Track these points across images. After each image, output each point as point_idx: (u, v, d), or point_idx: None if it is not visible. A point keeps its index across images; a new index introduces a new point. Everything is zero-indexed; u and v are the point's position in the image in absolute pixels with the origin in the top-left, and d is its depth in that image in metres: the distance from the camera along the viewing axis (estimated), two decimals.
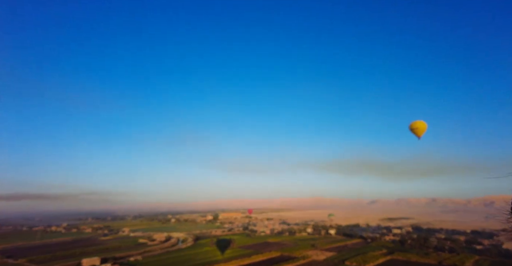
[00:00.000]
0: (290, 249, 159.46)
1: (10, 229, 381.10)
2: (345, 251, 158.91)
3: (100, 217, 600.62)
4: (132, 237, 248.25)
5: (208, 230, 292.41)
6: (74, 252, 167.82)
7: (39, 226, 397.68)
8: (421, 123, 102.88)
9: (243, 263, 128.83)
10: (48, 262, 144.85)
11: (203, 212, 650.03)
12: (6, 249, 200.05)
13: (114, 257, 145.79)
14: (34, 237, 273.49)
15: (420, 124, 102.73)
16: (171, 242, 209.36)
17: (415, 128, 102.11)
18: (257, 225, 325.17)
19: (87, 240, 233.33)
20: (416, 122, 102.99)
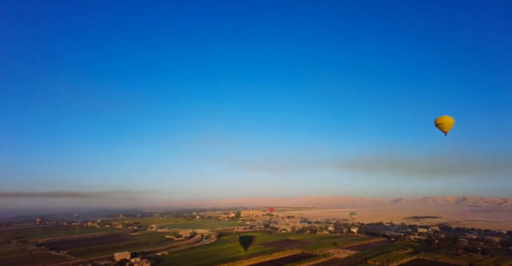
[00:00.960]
0: (311, 247, 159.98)
1: (52, 224, 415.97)
2: (367, 249, 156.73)
3: (130, 214, 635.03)
4: (159, 233, 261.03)
5: (231, 227, 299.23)
6: (107, 246, 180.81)
7: (77, 222, 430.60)
8: (447, 118, 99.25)
9: (264, 260, 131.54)
10: (85, 254, 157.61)
11: (226, 210, 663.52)
12: (50, 242, 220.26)
13: (142, 252, 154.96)
14: (73, 231, 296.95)
15: (446, 119, 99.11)
16: (196, 238, 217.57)
17: (440, 123, 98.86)
18: (278, 223, 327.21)
19: (119, 235, 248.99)
20: (441, 118, 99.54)
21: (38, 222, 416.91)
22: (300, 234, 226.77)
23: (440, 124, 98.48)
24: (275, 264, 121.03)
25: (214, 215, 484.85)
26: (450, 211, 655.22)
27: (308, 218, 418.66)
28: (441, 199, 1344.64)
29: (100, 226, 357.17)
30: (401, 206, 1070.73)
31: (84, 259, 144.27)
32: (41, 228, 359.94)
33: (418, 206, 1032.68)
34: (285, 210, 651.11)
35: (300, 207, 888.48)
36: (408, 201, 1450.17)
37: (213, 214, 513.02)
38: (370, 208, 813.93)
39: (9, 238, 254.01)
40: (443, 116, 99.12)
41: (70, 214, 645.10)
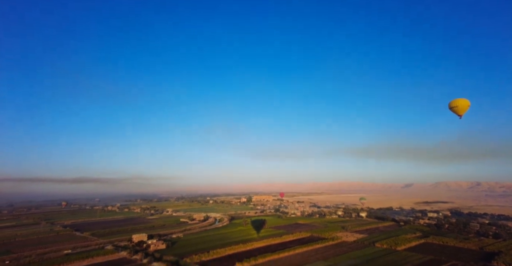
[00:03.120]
0: (320, 231, 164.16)
1: (77, 208, 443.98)
2: (376, 233, 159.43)
3: (147, 198, 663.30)
4: (174, 217, 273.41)
5: (242, 211, 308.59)
6: (126, 229, 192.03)
7: (98, 206, 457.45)
8: (462, 101, 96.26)
9: (274, 242, 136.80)
10: (106, 236, 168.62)
11: (238, 195, 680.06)
12: (74, 224, 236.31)
13: (159, 234, 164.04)
14: (94, 214, 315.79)
15: (462, 102, 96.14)
16: (209, 221, 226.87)
17: (454, 106, 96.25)
18: (288, 208, 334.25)
19: (137, 219, 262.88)
20: (456, 100, 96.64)
21: (64, 205, 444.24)
22: (309, 218, 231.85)
23: (455, 107, 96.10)
24: (284, 246, 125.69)
25: (226, 200, 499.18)
26: (463, 196, 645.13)
27: (317, 203, 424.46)
28: (454, 184, 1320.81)
29: (120, 210, 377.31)
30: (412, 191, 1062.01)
31: (105, 240, 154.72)
32: (66, 211, 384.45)
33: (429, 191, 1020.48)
34: (295, 196, 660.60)
35: (310, 192, 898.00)
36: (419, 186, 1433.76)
37: (225, 199, 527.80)
38: (380, 193, 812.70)
39: (39, 220, 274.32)
40: (458, 99, 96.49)
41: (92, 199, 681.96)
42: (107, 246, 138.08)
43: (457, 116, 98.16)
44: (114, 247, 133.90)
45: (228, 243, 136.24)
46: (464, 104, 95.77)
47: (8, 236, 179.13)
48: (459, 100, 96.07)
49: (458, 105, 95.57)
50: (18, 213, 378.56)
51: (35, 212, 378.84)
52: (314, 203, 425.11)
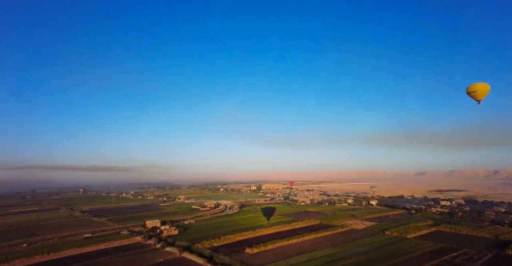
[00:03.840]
0: (329, 218, 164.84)
1: (93, 194, 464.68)
2: (386, 221, 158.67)
3: (160, 186, 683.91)
4: (186, 204, 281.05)
5: (252, 199, 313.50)
6: (140, 215, 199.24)
7: (113, 193, 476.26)
8: (482, 86, 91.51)
9: (283, 229, 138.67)
10: (122, 221, 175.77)
11: (248, 183, 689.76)
12: (92, 209, 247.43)
13: (171, 220, 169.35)
14: (110, 201, 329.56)
15: (481, 86, 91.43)
16: (220, 208, 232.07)
17: (473, 91, 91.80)
18: (298, 196, 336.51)
19: (150, 206, 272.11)
20: (475, 85, 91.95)
21: (81, 192, 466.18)
22: (318, 206, 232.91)
23: (473, 92, 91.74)
24: (293, 233, 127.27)
25: (236, 188, 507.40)
26: (479, 184, 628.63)
27: (327, 191, 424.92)
28: (469, 172, 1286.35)
29: (134, 197, 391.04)
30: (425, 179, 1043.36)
31: (121, 225, 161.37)
32: (84, 197, 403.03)
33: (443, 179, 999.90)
34: (304, 184, 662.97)
35: (320, 181, 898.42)
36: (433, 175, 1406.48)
37: (235, 187, 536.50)
38: (392, 182, 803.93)
39: (59, 205, 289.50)
40: (477, 83, 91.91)
41: (107, 186, 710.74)
42: (122, 231, 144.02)
43: (475, 102, 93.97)
44: (129, 232, 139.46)
45: (238, 229, 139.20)
46: (483, 89, 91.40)
47: (33, 220, 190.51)
48: (478, 85, 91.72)
49: (477, 90, 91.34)
50: (40, 198, 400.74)
51: (56, 198, 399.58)
52: (324, 191, 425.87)
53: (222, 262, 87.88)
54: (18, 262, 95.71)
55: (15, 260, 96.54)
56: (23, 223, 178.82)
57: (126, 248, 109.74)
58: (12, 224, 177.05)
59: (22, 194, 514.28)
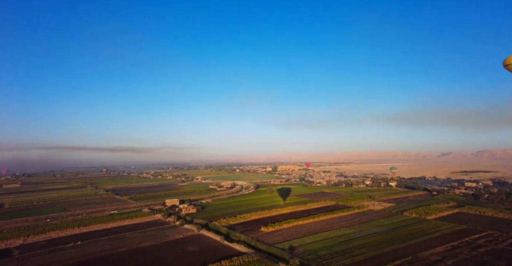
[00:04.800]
0: (346, 199, 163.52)
1: (115, 174, 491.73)
2: (405, 202, 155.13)
3: (179, 166, 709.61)
4: (203, 184, 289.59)
5: (268, 179, 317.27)
6: (160, 194, 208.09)
7: (134, 173, 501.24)
8: None
9: (298, 209, 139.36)
10: (142, 200, 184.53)
11: (264, 164, 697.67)
12: (115, 188, 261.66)
13: (189, 199, 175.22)
14: (131, 180, 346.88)
15: None
16: (236, 188, 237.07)
17: (510, 64, 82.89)
18: (314, 177, 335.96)
19: (169, 185, 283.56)
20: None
21: (104, 172, 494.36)
22: (335, 187, 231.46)
23: (510, 65, 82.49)
24: (308, 213, 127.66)
25: (252, 169, 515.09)
26: (510, 165, 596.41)
27: (344, 172, 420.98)
28: (500, 153, 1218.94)
29: (153, 176, 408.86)
30: (449, 160, 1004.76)
31: (142, 203, 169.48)
32: (107, 176, 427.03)
33: (469, 160, 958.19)
34: (321, 165, 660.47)
35: (337, 162, 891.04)
36: (459, 155, 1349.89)
37: (251, 168, 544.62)
38: (413, 163, 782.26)
39: (85, 184, 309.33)
40: None
41: (129, 166, 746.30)
42: (143, 209, 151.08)
43: None
44: (150, 210, 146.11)
45: (254, 208, 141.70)
46: None
47: (63, 196, 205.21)
48: None
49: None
50: (68, 177, 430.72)
51: (82, 177, 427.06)
52: (341, 172, 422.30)
53: (238, 240, 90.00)
54: (53, 233, 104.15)
55: (51, 232, 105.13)
56: (55, 199, 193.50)
57: (147, 224, 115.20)
58: (46, 199, 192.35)
59: (53, 173, 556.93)
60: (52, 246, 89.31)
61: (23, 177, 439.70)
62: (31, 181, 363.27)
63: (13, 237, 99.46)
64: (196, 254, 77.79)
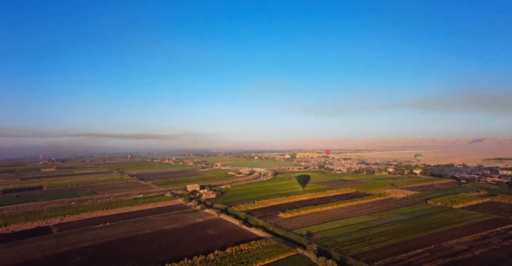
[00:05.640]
0: (366, 187, 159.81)
1: (139, 160, 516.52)
2: (429, 190, 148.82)
3: (199, 153, 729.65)
4: (223, 170, 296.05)
5: (286, 167, 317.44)
6: (181, 179, 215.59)
7: (157, 159, 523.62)
8: None
9: (317, 196, 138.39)
10: (165, 185, 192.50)
11: (282, 152, 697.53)
12: (139, 174, 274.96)
13: (209, 185, 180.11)
14: (154, 166, 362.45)
15: None
16: (254, 175, 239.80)
17: None
18: (334, 164, 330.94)
19: (190, 171, 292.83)
20: None
21: (129, 158, 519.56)
22: (355, 175, 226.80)
23: None
24: (327, 201, 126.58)
25: (270, 156, 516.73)
26: None
27: (366, 160, 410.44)
28: None
29: (175, 163, 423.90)
30: (482, 146, 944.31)
31: (164, 188, 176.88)
32: (132, 162, 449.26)
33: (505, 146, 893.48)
34: (342, 153, 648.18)
35: (359, 149, 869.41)
36: (493, 141, 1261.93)
37: (270, 155, 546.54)
38: (441, 150, 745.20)
39: (111, 169, 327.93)
40: None
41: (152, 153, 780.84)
42: (166, 193, 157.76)
43: None
44: (172, 194, 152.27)
45: (272, 195, 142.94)
46: None
47: (92, 180, 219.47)
48: None
49: None
50: (97, 162, 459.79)
51: (109, 163, 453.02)
52: (363, 160, 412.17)
53: (256, 224, 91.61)
54: (85, 214, 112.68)
55: (83, 213, 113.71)
56: (86, 183, 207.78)
57: (170, 208, 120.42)
58: (78, 183, 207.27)
59: (83, 158, 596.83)
60: (84, 225, 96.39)
61: (58, 162, 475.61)
62: (64, 166, 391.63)
63: (52, 216, 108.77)
64: (216, 237, 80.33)
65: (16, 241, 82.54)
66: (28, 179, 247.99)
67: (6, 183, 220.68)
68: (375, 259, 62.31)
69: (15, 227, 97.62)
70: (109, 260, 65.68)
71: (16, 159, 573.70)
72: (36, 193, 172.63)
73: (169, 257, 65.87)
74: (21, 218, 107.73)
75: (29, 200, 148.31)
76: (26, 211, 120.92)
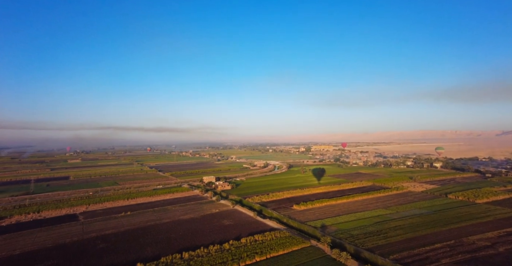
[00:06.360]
0: (383, 180, 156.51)
1: (158, 152, 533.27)
2: (450, 184, 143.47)
3: (214, 146, 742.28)
4: (238, 163, 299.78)
5: (301, 159, 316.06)
6: (198, 171, 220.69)
7: (175, 151, 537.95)
8: None
9: (332, 189, 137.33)
10: (182, 176, 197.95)
11: (297, 145, 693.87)
12: (157, 165, 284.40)
13: (225, 177, 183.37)
14: (172, 158, 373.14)
15: None
16: (269, 168, 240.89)
17: None
18: (350, 157, 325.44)
19: (206, 163, 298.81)
20: None
21: (149, 150, 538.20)
22: (372, 168, 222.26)
23: None
24: (342, 194, 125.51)
25: (285, 149, 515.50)
26: None
27: (384, 153, 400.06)
28: None
29: (192, 155, 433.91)
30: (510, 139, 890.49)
31: (182, 179, 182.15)
32: (151, 154, 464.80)
33: None
34: (359, 145, 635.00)
35: (376, 142, 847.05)
36: None
37: (284, 148, 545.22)
38: (464, 142, 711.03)
39: (132, 161, 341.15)
40: None
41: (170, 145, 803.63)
42: (183, 184, 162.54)
43: None
44: (189, 186, 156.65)
45: (286, 187, 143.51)
46: None
47: (114, 171, 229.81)
48: None
49: None
50: (118, 154, 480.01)
51: (129, 155, 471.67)
52: (380, 153, 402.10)
53: (270, 216, 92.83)
54: (108, 203, 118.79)
55: (106, 202, 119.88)
56: (108, 174, 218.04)
57: (187, 199, 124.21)
58: (101, 174, 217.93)
59: (105, 150, 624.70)
60: (107, 214, 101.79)
61: (82, 154, 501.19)
62: (89, 157, 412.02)
63: (78, 204, 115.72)
64: (231, 227, 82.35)
65: (48, 226, 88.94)
66: (57, 169, 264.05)
67: (38, 173, 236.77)
68: (391, 252, 61.63)
69: (46, 214, 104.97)
70: (130, 247, 69.32)
71: (46, 151, 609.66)
72: (63, 182, 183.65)
73: (186, 245, 68.53)
74: (52, 205, 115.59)
75: (58, 189, 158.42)
76: (55, 199, 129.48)
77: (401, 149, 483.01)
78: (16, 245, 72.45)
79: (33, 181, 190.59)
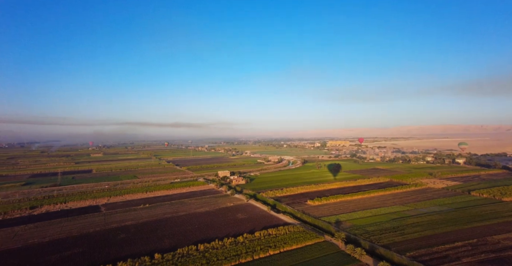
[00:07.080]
0: (401, 176, 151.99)
1: (175, 147, 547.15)
2: (474, 181, 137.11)
3: (229, 141, 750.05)
4: (252, 158, 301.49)
5: (316, 155, 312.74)
6: (213, 166, 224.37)
7: (191, 146, 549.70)
8: None
9: (347, 185, 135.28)
10: (198, 170, 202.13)
11: (312, 140, 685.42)
12: (175, 160, 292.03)
13: (239, 172, 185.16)
14: (188, 153, 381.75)
15: None
16: (283, 163, 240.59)
17: None
18: (367, 153, 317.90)
19: (221, 158, 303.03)
20: None
21: (166, 145, 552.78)
22: (390, 164, 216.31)
23: None
24: (358, 189, 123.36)
25: (300, 144, 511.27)
26: None
27: (402, 148, 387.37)
28: None
29: (207, 150, 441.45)
30: None
31: (198, 174, 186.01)
32: (168, 149, 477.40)
33: None
34: (376, 141, 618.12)
35: (394, 137, 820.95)
36: None
37: (299, 144, 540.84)
38: (491, 137, 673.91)
39: (150, 155, 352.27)
40: None
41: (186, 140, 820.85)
42: (199, 178, 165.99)
43: None
44: (205, 180, 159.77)
45: (300, 183, 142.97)
46: None
47: (133, 165, 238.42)
48: None
49: None
50: (137, 149, 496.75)
51: (148, 149, 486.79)
52: (398, 148, 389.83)
53: (284, 211, 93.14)
54: (127, 196, 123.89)
55: (126, 195, 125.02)
56: (128, 167, 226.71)
57: (202, 192, 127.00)
58: (121, 167, 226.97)
59: (125, 145, 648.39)
60: (127, 206, 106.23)
61: (104, 148, 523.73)
62: (110, 152, 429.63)
63: (100, 197, 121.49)
64: (245, 221, 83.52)
65: (73, 216, 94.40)
66: (81, 162, 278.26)
67: (64, 166, 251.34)
68: (407, 249, 60.25)
69: (72, 204, 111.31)
70: (148, 238, 72.17)
71: (71, 145, 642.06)
72: (87, 175, 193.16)
73: (201, 238, 70.42)
74: (77, 197, 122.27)
75: (82, 181, 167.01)
76: (80, 191, 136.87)
77: (421, 144, 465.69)
78: (46, 233, 77.58)
79: (60, 174, 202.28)
